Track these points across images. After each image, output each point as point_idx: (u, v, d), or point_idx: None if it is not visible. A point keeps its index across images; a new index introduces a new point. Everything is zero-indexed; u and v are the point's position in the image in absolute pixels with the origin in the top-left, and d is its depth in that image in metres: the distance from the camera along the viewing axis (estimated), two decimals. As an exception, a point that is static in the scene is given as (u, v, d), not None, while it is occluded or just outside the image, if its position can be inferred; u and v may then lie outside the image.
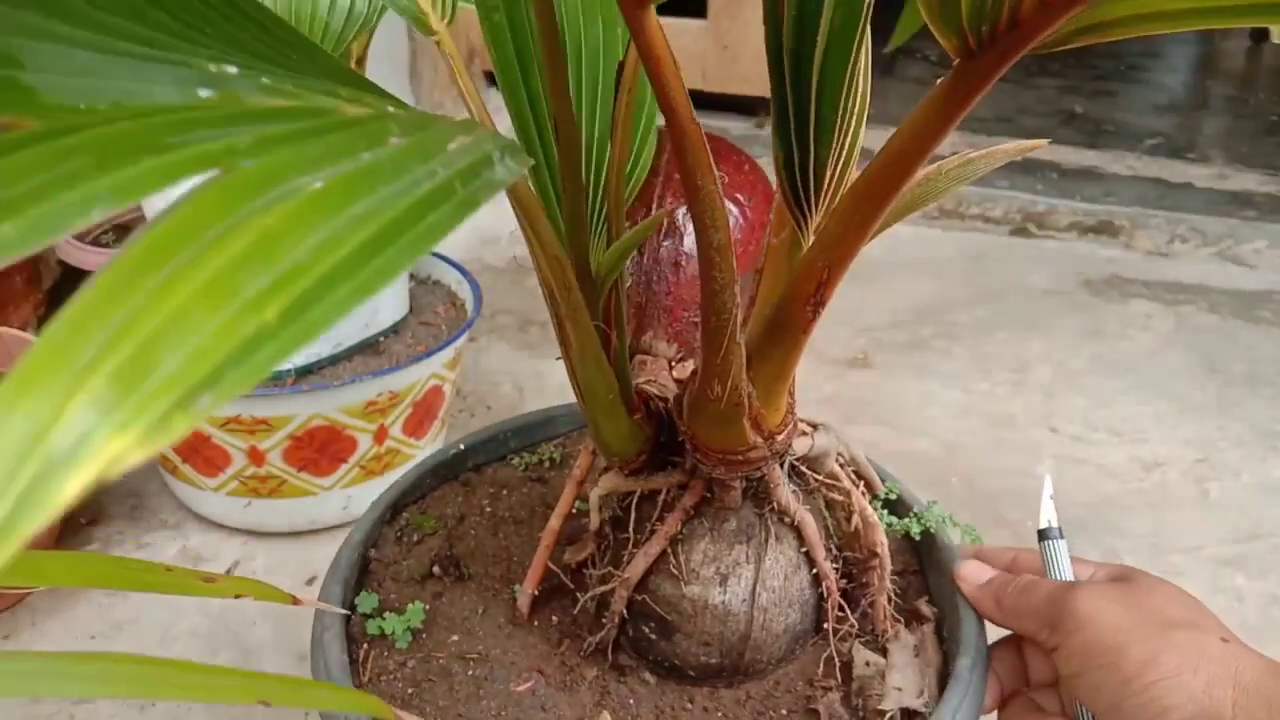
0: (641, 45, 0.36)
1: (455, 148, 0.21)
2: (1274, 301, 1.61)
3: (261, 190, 0.16)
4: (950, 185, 0.50)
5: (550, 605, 0.61)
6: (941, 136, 0.36)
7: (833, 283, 0.43)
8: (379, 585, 0.62)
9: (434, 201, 0.19)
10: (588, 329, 0.49)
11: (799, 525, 0.54)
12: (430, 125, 0.23)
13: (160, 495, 1.09)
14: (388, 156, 0.20)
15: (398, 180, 0.19)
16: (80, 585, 0.39)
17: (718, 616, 0.53)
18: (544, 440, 0.76)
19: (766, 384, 0.48)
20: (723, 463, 0.50)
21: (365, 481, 1.01)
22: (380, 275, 0.16)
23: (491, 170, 0.22)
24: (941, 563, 0.60)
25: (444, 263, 1.15)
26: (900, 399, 1.31)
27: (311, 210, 0.17)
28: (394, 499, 0.68)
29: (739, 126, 2.25)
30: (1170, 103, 2.61)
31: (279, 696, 0.35)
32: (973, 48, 0.33)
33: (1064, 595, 0.49)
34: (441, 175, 0.20)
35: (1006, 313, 1.54)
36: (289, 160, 0.18)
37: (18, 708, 0.84)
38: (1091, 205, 1.85)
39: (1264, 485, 1.17)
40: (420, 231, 0.18)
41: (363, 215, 0.17)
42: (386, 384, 0.96)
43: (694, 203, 0.41)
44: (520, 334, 1.44)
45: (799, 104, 0.41)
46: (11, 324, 1.17)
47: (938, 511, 0.63)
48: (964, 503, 1.12)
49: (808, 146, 0.42)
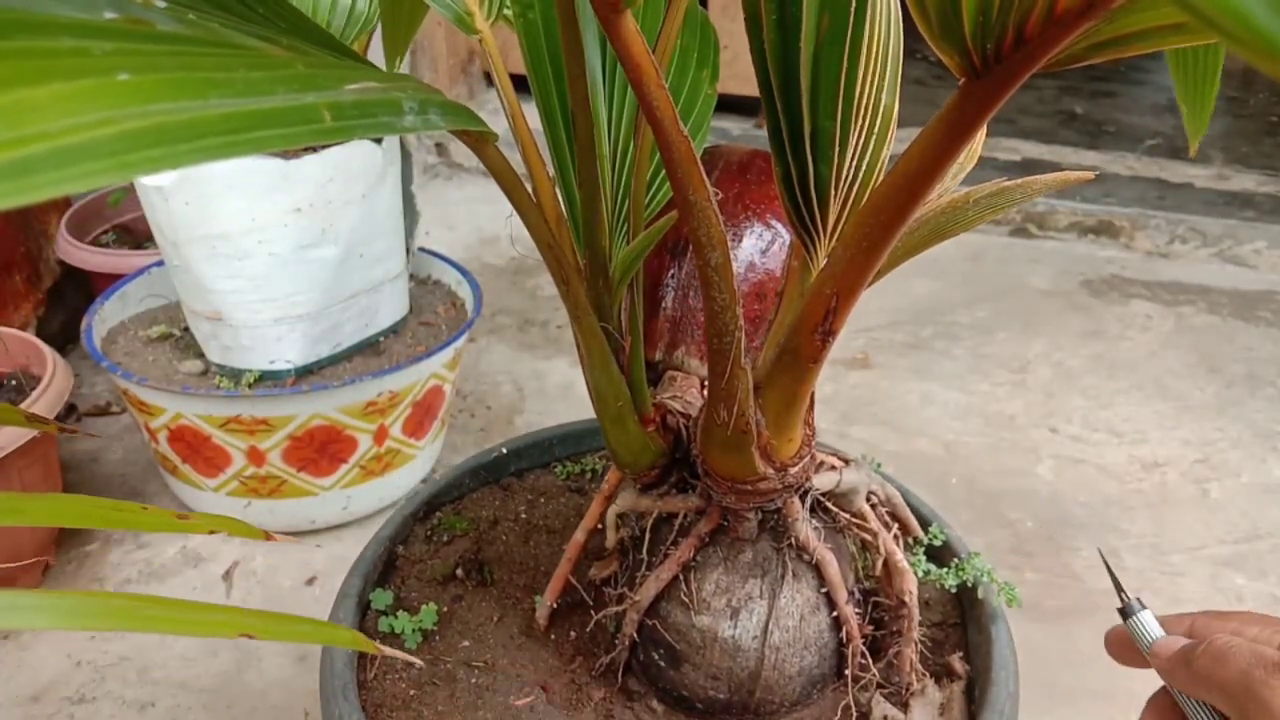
0: (620, 51, 0.35)
1: (355, 88, 0.21)
2: (1274, 302, 1.61)
3: (61, 76, 0.16)
4: (982, 215, 0.46)
5: (569, 620, 0.59)
6: (949, 160, 0.34)
7: (842, 311, 0.40)
8: (401, 583, 0.62)
9: (277, 120, 0.19)
10: (593, 330, 0.47)
11: (819, 564, 0.51)
12: (348, 69, 0.23)
13: (160, 495, 1.09)
14: (249, 77, 0.19)
15: (242, 96, 0.19)
16: (60, 524, 0.39)
17: (727, 650, 0.51)
18: (589, 451, 0.74)
19: (776, 412, 0.45)
20: (732, 491, 0.48)
21: (365, 482, 1.01)
22: (151, 163, 0.16)
23: (396, 116, 0.22)
24: (981, 618, 0.57)
25: (444, 263, 1.15)
26: (900, 399, 1.31)
27: (91, 93, 0.16)
28: (430, 496, 0.67)
29: (739, 127, 2.25)
30: (1170, 103, 2.61)
31: (261, 630, 0.36)
32: (978, 67, 0.31)
33: (1259, 683, 0.47)
34: (308, 101, 0.20)
35: (1006, 313, 1.54)
36: (121, 63, 0.18)
37: (18, 708, 0.84)
38: (1091, 206, 1.85)
39: (1264, 485, 1.17)
40: (240, 140, 0.18)
41: (160, 111, 0.17)
42: (386, 384, 0.96)
43: (687, 219, 0.39)
44: (520, 334, 1.44)
45: (790, 114, 0.39)
46: (12, 324, 1.17)
47: (979, 563, 0.59)
48: (964, 503, 1.12)
49: (805, 161, 0.40)
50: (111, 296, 1.05)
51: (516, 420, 1.24)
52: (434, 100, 0.23)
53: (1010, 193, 0.46)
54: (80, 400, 1.24)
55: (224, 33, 0.22)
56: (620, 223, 0.51)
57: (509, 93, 0.50)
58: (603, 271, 0.49)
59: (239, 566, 1.00)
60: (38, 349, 0.97)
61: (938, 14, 0.30)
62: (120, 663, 0.88)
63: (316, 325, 0.95)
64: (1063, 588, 1.00)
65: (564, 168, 0.52)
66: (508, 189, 0.43)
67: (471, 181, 1.97)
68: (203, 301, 0.92)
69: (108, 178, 0.16)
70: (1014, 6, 0.28)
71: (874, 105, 0.40)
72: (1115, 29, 0.29)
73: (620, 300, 0.50)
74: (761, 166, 0.60)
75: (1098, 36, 0.29)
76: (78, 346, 1.33)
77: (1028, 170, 2.04)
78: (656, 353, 0.57)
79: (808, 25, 0.36)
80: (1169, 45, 0.29)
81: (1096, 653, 0.53)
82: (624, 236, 0.51)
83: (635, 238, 0.50)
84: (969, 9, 0.29)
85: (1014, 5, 0.28)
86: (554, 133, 0.51)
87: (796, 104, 0.38)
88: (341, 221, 0.93)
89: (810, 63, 0.37)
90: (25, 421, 0.44)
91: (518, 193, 0.43)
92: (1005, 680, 0.53)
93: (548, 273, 0.46)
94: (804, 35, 0.36)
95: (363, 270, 0.97)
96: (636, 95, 0.36)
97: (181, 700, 0.85)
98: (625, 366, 0.51)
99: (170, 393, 0.91)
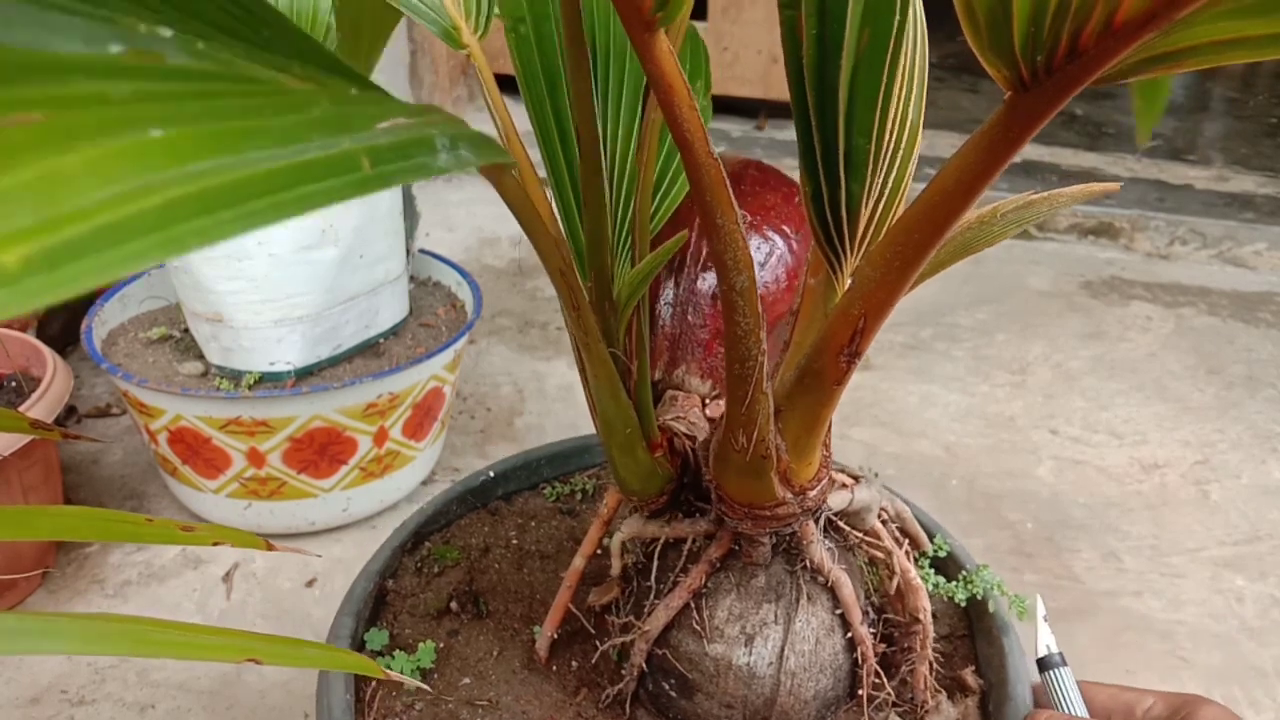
0: (651, 72, 0.33)
1: (385, 126, 0.20)
2: (1274, 303, 1.61)
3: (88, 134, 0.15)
4: (1008, 229, 0.45)
5: (570, 650, 0.58)
6: (990, 178, 0.32)
7: (869, 332, 0.39)
8: (394, 619, 0.60)
9: (319, 172, 0.17)
10: (602, 356, 0.46)
11: (834, 586, 0.51)
12: (372, 104, 0.22)
13: (160, 497, 1.09)
14: (282, 123, 0.18)
15: (279, 146, 0.17)
16: (65, 538, 0.39)
17: (742, 678, 0.50)
18: (578, 470, 0.73)
19: (796, 436, 0.44)
20: (749, 517, 0.47)
21: (365, 483, 1.01)
22: (199, 236, 0.15)
23: (430, 156, 0.20)
24: (991, 630, 0.57)
25: (444, 264, 1.15)
26: (900, 400, 1.31)
27: (126, 156, 0.15)
28: (417, 526, 0.65)
29: (739, 129, 2.25)
30: (1170, 105, 2.61)
31: (267, 654, 0.36)
32: (1026, 80, 0.29)
33: None
34: (345, 148, 0.18)
35: (1006, 314, 1.54)
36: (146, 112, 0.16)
37: (17, 709, 0.84)
38: (1091, 207, 1.85)
39: (1264, 487, 1.17)
40: (285, 199, 0.16)
41: (202, 173, 0.15)
42: (386, 386, 0.96)
43: (714, 241, 0.38)
44: (520, 336, 1.44)
45: (825, 132, 0.38)
46: (11, 325, 1.17)
47: (988, 575, 0.59)
48: (964, 504, 1.12)
49: (838, 180, 0.39)
50: (111, 298, 1.05)
51: (516, 422, 1.24)
52: (462, 135, 0.22)
53: (1038, 205, 0.45)
54: (80, 402, 1.24)
55: (236, 63, 0.21)
56: (623, 243, 0.50)
57: (503, 113, 0.49)
58: (607, 294, 0.48)
59: (239, 568, 1.00)
60: (38, 350, 0.97)
61: (988, 23, 0.28)
62: (120, 664, 0.88)
63: (316, 327, 0.95)
64: (1063, 589, 1.00)
65: (562, 186, 0.50)
66: (522, 217, 0.42)
67: (471, 183, 1.97)
68: (203, 303, 0.92)
69: (154, 258, 0.14)
70: (1069, 16, 0.27)
71: (903, 121, 0.39)
72: (1171, 43, 0.27)
73: (625, 323, 0.49)
74: (755, 177, 0.60)
75: (1152, 50, 0.28)
76: (78, 348, 1.33)
77: (1028, 170, 2.04)
78: (656, 372, 0.57)
79: (849, 40, 0.35)
80: (1227, 61, 0.27)
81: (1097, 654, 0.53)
82: (627, 257, 0.50)
83: (640, 257, 0.49)
84: (1020, 18, 0.27)
85: (1069, 15, 0.27)
86: (550, 150, 0.50)
87: (832, 121, 0.37)
88: (341, 222, 0.93)
89: (849, 79, 0.36)
90: (29, 428, 0.44)
91: (532, 221, 0.42)
92: (1022, 694, 0.52)
93: (547, 274, 0.45)
94: (845, 50, 0.35)
95: (363, 272, 0.97)
96: (666, 116, 0.35)
97: (181, 702, 0.85)
98: (631, 390, 0.49)
99: (170, 394, 0.91)
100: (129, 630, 0.35)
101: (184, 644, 0.35)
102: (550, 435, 1.21)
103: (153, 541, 0.39)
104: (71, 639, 0.34)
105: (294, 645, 0.38)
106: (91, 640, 0.34)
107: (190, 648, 0.35)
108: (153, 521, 0.39)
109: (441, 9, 0.49)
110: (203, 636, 0.36)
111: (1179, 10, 0.25)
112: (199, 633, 0.36)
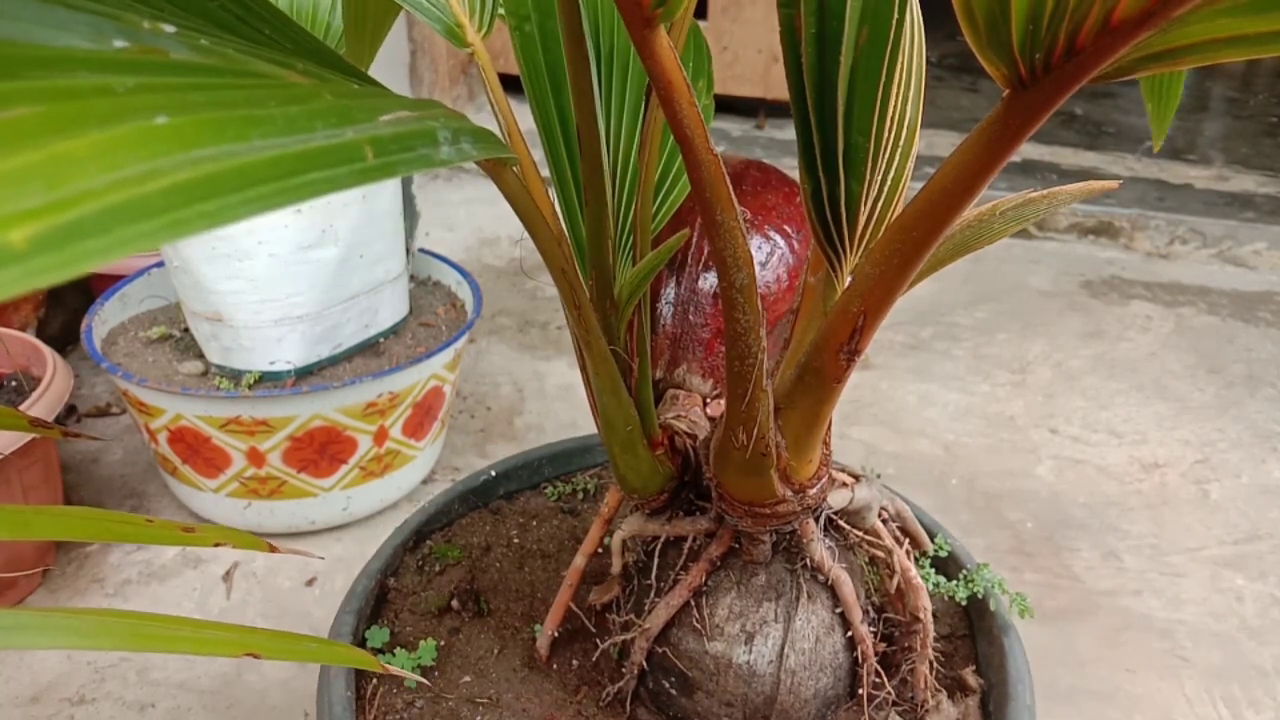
0: (651, 69, 0.33)
1: (389, 119, 0.20)
2: (1273, 303, 1.61)
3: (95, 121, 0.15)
4: (1008, 227, 0.45)
5: (571, 648, 0.58)
6: (989, 176, 0.32)
7: (869, 330, 0.39)
8: (395, 617, 0.60)
9: (323, 160, 0.18)
10: (603, 355, 0.46)
11: (834, 584, 0.51)
12: (375, 97, 0.22)
13: (160, 496, 1.09)
14: (286, 113, 0.18)
15: (284, 135, 0.17)
16: (66, 538, 0.39)
17: (741, 676, 0.50)
18: (580, 469, 0.73)
19: (797, 433, 0.44)
20: (749, 515, 0.47)
21: (365, 482, 1.01)
22: (206, 219, 0.15)
23: (433, 148, 0.21)
24: (992, 630, 0.57)
25: (444, 264, 1.15)
26: (900, 400, 1.31)
27: (133, 141, 0.15)
28: (419, 524, 0.65)
29: (739, 128, 2.25)
30: (1170, 104, 2.60)
31: (267, 649, 0.36)
32: (1024, 78, 0.29)
33: None
34: (349, 138, 0.19)
35: (1006, 314, 1.54)
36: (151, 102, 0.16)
37: (17, 709, 0.84)
38: (1091, 207, 1.85)
39: (1264, 486, 1.17)
40: (290, 185, 0.17)
41: (207, 158, 0.16)
42: (386, 385, 0.96)
43: (714, 238, 0.38)
44: (520, 335, 1.44)
45: (824, 130, 0.38)
46: (11, 324, 1.17)
47: (989, 574, 0.59)
48: (964, 503, 1.12)
49: (837, 178, 0.39)
50: (112, 297, 1.05)
51: (516, 421, 1.24)
52: (464, 129, 0.22)
53: (1037, 204, 0.45)
54: (80, 401, 1.24)
55: (239, 58, 0.21)
56: (625, 242, 0.50)
57: (506, 111, 0.49)
58: (608, 293, 0.48)
59: (239, 568, 1.00)
60: (38, 350, 0.97)
61: (986, 21, 0.28)
62: (120, 663, 0.88)
63: (316, 326, 0.95)
64: (1063, 589, 1.00)
65: (565, 185, 0.50)
66: (523, 214, 0.42)
67: (471, 182, 1.97)
68: (203, 302, 0.92)
69: (161, 239, 0.14)
70: (1067, 15, 0.27)
71: (901, 119, 0.39)
72: (1168, 41, 0.27)
73: (626, 321, 0.49)
74: (756, 177, 0.60)
75: (1150, 48, 0.28)
76: (78, 347, 1.33)
77: (1028, 170, 2.04)
78: (657, 371, 0.57)
79: (848, 38, 0.35)
80: (1224, 58, 0.27)
81: (1096, 654, 0.53)
82: (629, 256, 0.50)
83: (641, 256, 0.49)
84: (1019, 17, 0.28)
85: (1067, 14, 0.27)
86: (553, 148, 0.50)
87: (831, 119, 0.37)
88: (341, 222, 0.93)
89: (848, 76, 0.36)
90: (29, 427, 0.44)
91: (534, 218, 0.42)
92: (1022, 694, 0.52)
93: (547, 273, 0.44)
94: (844, 49, 0.35)
95: (363, 271, 0.97)
96: (666, 113, 0.35)
97: (181, 701, 0.85)
98: (633, 389, 0.49)
99: (170, 393, 0.91)
100: (127, 625, 0.35)
101: (182, 638, 0.35)
102: (550, 434, 1.21)
103: (153, 542, 0.39)
104: (69, 634, 0.34)
105: (293, 640, 0.38)
106: (89, 635, 0.34)
107: (189, 642, 0.35)
108: (153, 522, 0.39)
109: (446, 7, 0.49)
110: (201, 631, 0.36)
111: (1176, 8, 0.25)
112: (197, 627, 0.36)
